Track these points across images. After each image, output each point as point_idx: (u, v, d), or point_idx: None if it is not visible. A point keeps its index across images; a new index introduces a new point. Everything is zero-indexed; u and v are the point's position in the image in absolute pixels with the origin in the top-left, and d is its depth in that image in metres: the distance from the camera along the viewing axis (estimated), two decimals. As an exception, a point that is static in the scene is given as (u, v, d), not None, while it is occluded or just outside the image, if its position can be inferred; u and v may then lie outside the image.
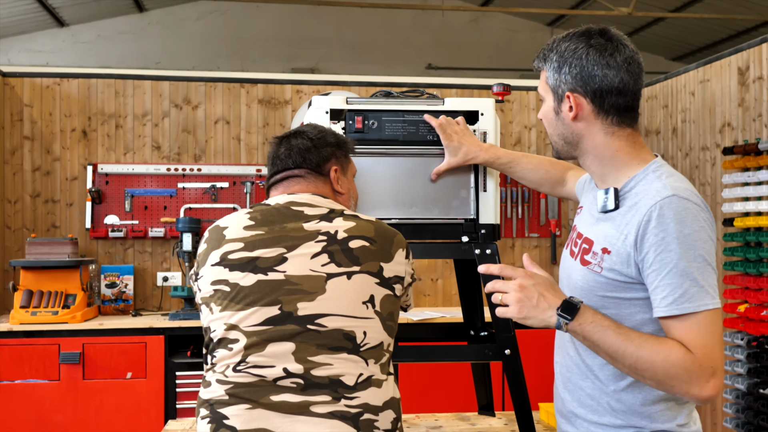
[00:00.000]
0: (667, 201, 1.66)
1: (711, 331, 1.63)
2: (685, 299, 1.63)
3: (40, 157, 5.58)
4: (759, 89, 4.56)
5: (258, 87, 5.89)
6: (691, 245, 1.64)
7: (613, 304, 1.75)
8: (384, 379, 1.89)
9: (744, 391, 4.53)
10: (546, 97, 1.88)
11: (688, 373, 1.61)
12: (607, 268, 1.74)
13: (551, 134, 1.90)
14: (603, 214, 1.82)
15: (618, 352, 1.66)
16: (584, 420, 1.85)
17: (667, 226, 1.65)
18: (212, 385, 1.84)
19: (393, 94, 2.59)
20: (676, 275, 1.63)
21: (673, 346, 1.63)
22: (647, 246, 1.66)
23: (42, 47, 12.30)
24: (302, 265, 1.86)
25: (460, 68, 13.02)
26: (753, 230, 4.52)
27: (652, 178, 1.75)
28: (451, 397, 4.89)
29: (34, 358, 4.73)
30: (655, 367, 1.63)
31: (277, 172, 2.11)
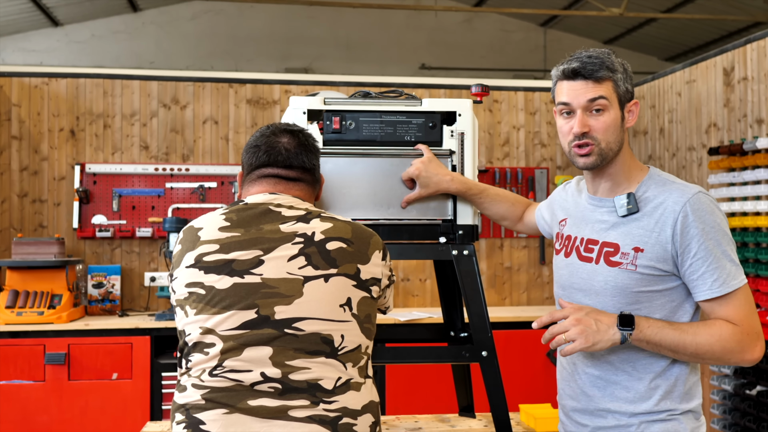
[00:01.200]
0: (697, 197, 1.90)
1: (749, 302, 1.89)
2: (732, 278, 1.87)
3: (28, 157, 5.57)
4: (744, 90, 4.56)
5: (246, 87, 5.88)
6: (725, 232, 1.90)
7: (646, 298, 1.94)
8: (362, 383, 1.87)
9: (731, 392, 4.54)
10: (611, 106, 1.99)
11: (740, 344, 1.86)
12: (642, 264, 1.92)
13: (610, 142, 2.00)
14: (623, 218, 1.99)
15: (679, 345, 1.88)
16: (618, 412, 1.99)
17: (704, 218, 1.88)
18: (188, 389, 1.82)
19: (371, 95, 2.59)
20: (720, 259, 1.87)
21: (722, 325, 1.87)
22: (689, 237, 1.88)
23: (36, 47, 12.29)
24: (279, 268, 1.84)
25: (454, 68, 13.02)
26: (739, 231, 4.52)
27: (661, 182, 1.99)
28: (433, 398, 4.88)
29: (19, 358, 4.71)
30: (713, 348, 1.87)
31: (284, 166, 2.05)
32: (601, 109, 1.97)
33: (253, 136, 2.11)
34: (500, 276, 6.09)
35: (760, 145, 4.23)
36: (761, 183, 4.33)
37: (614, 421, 1.98)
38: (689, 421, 1.95)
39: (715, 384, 4.66)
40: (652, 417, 1.94)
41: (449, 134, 2.51)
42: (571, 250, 2.10)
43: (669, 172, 5.35)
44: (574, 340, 1.87)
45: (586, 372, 2.04)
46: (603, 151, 1.98)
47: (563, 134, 2.04)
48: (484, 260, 6.07)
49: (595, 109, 1.97)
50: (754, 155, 4.34)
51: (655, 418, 1.94)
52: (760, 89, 4.40)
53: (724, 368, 4.54)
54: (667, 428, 1.93)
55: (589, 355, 2.02)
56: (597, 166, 2.00)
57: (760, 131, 4.40)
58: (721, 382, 4.59)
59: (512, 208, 2.54)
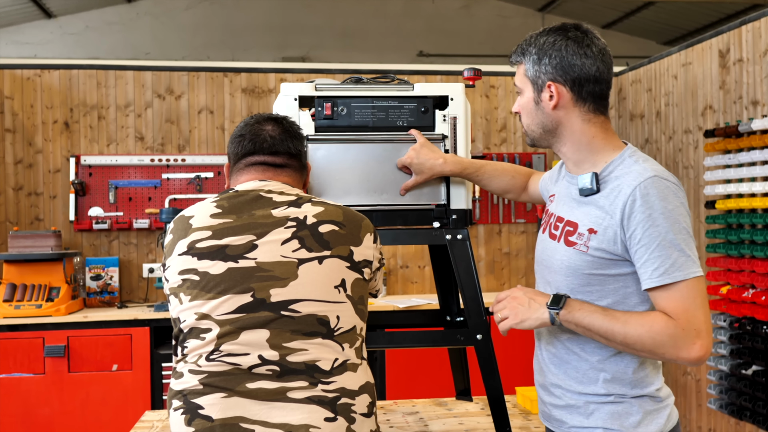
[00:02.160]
0: (650, 181, 1.80)
1: (694, 296, 1.76)
2: (675, 268, 1.76)
3: (22, 150, 5.56)
4: (739, 71, 4.55)
5: (241, 76, 5.87)
6: (676, 219, 1.78)
7: (598, 281, 1.88)
8: (359, 364, 1.89)
9: (727, 372, 4.55)
10: (524, 89, 2.00)
11: (673, 338, 1.75)
12: (594, 247, 1.86)
13: (528, 124, 2.01)
14: (585, 198, 1.93)
15: (608, 332, 1.81)
16: (568, 390, 1.96)
17: (652, 204, 1.78)
18: (185, 375, 1.82)
19: (363, 80, 2.58)
20: (666, 247, 1.77)
21: (656, 316, 1.78)
22: (635, 223, 1.79)
23: (30, 39, 12.25)
24: (273, 252, 1.85)
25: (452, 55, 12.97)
26: (735, 212, 4.52)
27: (630, 163, 1.89)
28: (432, 383, 4.90)
29: (19, 351, 4.73)
30: (643, 339, 1.77)
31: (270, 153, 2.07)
32: (519, 92, 2.02)
33: (238, 126, 2.13)
34: (499, 261, 6.10)
35: (755, 127, 4.22)
36: (756, 164, 4.32)
37: (564, 399, 1.96)
38: (644, 404, 1.88)
39: (711, 364, 4.67)
40: (599, 399, 1.90)
41: (442, 119, 2.51)
42: (547, 226, 2.07)
43: (666, 156, 5.37)
44: (507, 318, 1.91)
45: (546, 349, 2.03)
46: (527, 132, 2.03)
47: None
48: (482, 246, 6.07)
49: (518, 92, 2.03)
50: (750, 137, 4.33)
51: (603, 401, 1.89)
52: (756, 71, 4.39)
53: (720, 348, 4.55)
54: (617, 410, 1.88)
55: (549, 333, 2.01)
56: (531, 144, 2.05)
57: (755, 113, 4.40)
58: (717, 363, 4.60)
59: (513, 181, 2.50)
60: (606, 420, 1.89)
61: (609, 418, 1.88)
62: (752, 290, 4.28)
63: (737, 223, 4.48)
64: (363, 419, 1.83)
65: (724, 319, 4.52)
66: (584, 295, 1.90)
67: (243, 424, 1.74)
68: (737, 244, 4.46)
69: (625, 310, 1.85)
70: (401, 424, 2.67)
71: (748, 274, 4.34)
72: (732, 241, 4.52)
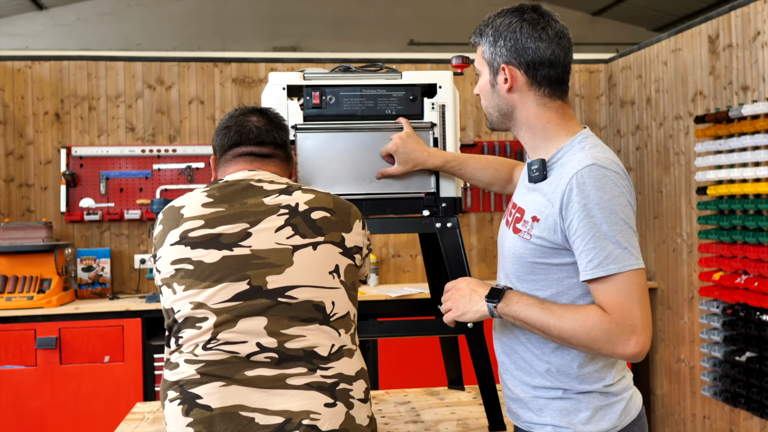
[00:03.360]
0: (587, 170, 1.75)
1: (630, 290, 1.71)
2: (610, 261, 1.72)
3: (13, 141, 5.54)
4: (729, 57, 4.55)
5: (232, 66, 5.85)
6: (612, 210, 1.73)
7: (541, 270, 1.85)
8: (354, 350, 1.90)
9: (721, 359, 4.56)
10: (482, 71, 1.97)
11: (607, 334, 1.71)
12: (536, 235, 1.84)
13: (486, 107, 1.99)
14: (533, 184, 1.91)
15: (544, 325, 1.79)
16: (518, 381, 1.94)
17: (588, 194, 1.74)
18: (180, 365, 1.80)
19: (351, 69, 2.57)
20: (600, 239, 1.72)
21: (591, 311, 1.74)
22: (571, 213, 1.75)
23: (21, 31, 12.17)
24: (267, 239, 1.86)
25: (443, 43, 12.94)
26: (726, 198, 4.52)
27: (577, 149, 1.85)
28: (424, 373, 4.91)
29: (10, 343, 4.72)
30: (577, 334, 1.74)
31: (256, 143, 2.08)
32: (478, 74, 1.99)
33: (222, 119, 2.14)
34: (491, 250, 6.09)
35: (745, 112, 4.22)
36: (747, 150, 4.32)
37: (515, 391, 1.95)
38: (593, 400, 1.84)
39: (705, 351, 4.69)
40: (547, 393, 1.87)
41: (430, 107, 2.50)
42: (506, 212, 2.05)
43: (657, 142, 5.37)
44: (450, 309, 1.93)
45: (498, 339, 2.02)
46: (486, 115, 2.00)
47: None
48: (474, 234, 6.07)
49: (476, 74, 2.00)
50: (740, 122, 4.33)
51: (551, 396, 1.87)
52: (745, 56, 4.39)
53: (713, 335, 4.56)
54: (566, 407, 1.86)
55: (501, 323, 1.98)
56: (491, 128, 2.02)
57: (745, 98, 4.40)
58: (710, 349, 4.62)
59: (497, 173, 2.45)
60: (555, 416, 1.86)
61: (558, 414, 1.86)
62: (745, 276, 4.29)
63: (729, 209, 4.49)
64: (360, 405, 1.84)
65: (717, 306, 4.53)
66: (529, 284, 1.88)
67: (242, 412, 1.74)
68: (729, 230, 4.46)
69: (566, 303, 1.82)
70: (393, 413, 2.67)
71: (740, 260, 4.34)
72: (724, 227, 4.52)
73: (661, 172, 5.37)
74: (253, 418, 1.73)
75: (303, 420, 1.74)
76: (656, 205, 5.47)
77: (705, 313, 4.69)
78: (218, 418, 1.73)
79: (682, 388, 5.19)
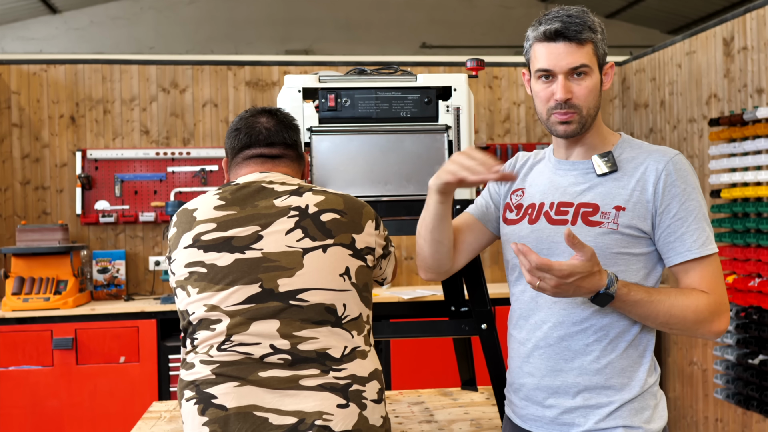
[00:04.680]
0: (679, 158, 1.86)
1: (720, 271, 1.84)
2: (709, 242, 1.82)
3: (29, 144, 5.58)
4: (744, 60, 4.54)
5: (245, 69, 5.88)
6: (702, 195, 1.86)
7: (623, 260, 1.86)
8: (368, 351, 1.91)
9: (733, 362, 4.55)
10: (593, 70, 1.88)
11: (712, 314, 1.80)
12: (624, 224, 1.84)
13: (591, 108, 1.89)
14: (600, 178, 1.91)
15: (649, 317, 1.81)
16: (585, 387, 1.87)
17: (686, 179, 1.83)
18: (196, 366, 1.83)
19: (366, 71, 2.59)
20: (701, 221, 1.82)
21: (698, 295, 1.80)
22: (670, 196, 1.82)
23: (35, 35, 12.26)
24: (278, 242, 1.87)
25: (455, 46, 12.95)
26: (740, 201, 4.52)
27: (636, 145, 1.94)
28: (437, 373, 4.92)
29: (28, 344, 4.75)
30: (686, 318, 1.79)
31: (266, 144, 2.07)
32: (584, 74, 1.85)
33: (233, 121, 2.14)
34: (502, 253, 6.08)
35: (760, 115, 4.21)
36: (762, 153, 4.31)
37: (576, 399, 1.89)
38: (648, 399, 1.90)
39: (718, 354, 4.68)
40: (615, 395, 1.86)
41: (445, 109, 2.52)
42: (537, 216, 1.96)
43: (670, 145, 5.36)
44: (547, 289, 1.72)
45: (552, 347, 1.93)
46: (583, 118, 1.87)
47: (541, 100, 1.89)
48: (487, 237, 6.07)
49: (577, 74, 1.85)
50: (755, 125, 4.32)
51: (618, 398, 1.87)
52: (760, 59, 4.39)
53: (726, 338, 4.56)
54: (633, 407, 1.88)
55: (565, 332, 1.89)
56: (578, 133, 1.90)
57: (760, 101, 4.39)
58: (723, 352, 4.61)
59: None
60: (626, 417, 1.85)
61: (628, 414, 1.85)
62: (758, 279, 4.28)
63: (743, 212, 4.48)
64: (374, 405, 1.85)
65: (731, 309, 4.52)
66: None
67: (256, 412, 1.75)
68: (743, 233, 4.46)
69: (665, 288, 1.84)
70: (407, 413, 2.68)
71: (754, 263, 4.34)
72: (738, 230, 4.51)
73: (675, 174, 5.36)
74: (267, 418, 1.75)
75: (316, 420, 1.76)
76: (669, 208, 5.45)
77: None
78: (233, 418, 1.75)
79: (694, 391, 5.18)
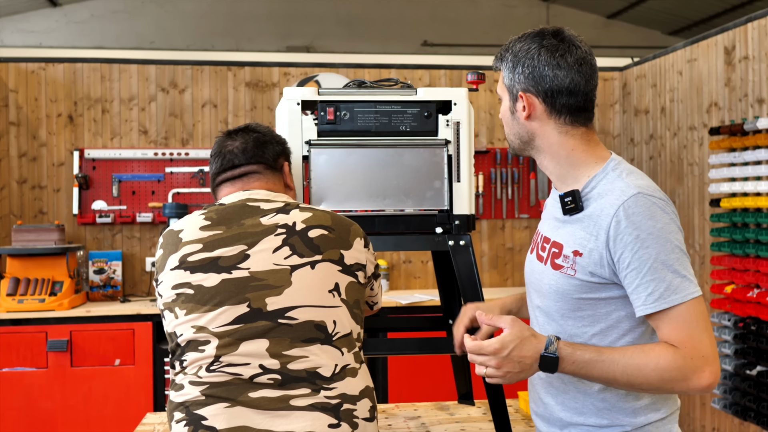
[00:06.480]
0: (634, 199, 1.68)
1: (696, 320, 1.65)
2: (671, 292, 1.64)
3: (27, 143, 5.56)
4: (745, 69, 4.52)
5: (245, 70, 5.85)
6: (666, 238, 1.66)
7: (588, 305, 1.77)
8: (358, 368, 1.90)
9: (731, 372, 4.54)
10: (503, 97, 1.92)
11: (681, 371, 1.64)
12: (581, 270, 1.75)
13: (508, 134, 1.92)
14: (568, 217, 1.82)
15: (608, 379, 1.69)
16: (568, 423, 1.85)
17: (639, 224, 1.66)
18: (185, 387, 1.82)
19: (366, 84, 2.57)
20: (658, 270, 1.65)
21: (660, 352, 1.65)
22: (621, 246, 1.68)
23: (35, 27, 12.22)
24: (265, 260, 1.86)
25: (456, 44, 12.92)
26: (739, 211, 4.50)
27: (613, 177, 1.77)
28: (434, 386, 4.90)
29: (22, 345, 4.73)
30: (649, 379, 1.66)
31: (231, 167, 2.10)
32: (500, 100, 1.95)
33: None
34: (502, 257, 6.09)
35: (760, 126, 4.20)
36: (762, 163, 4.30)
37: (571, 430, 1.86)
38: None
39: (717, 364, 4.66)
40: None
41: (445, 124, 2.50)
42: (535, 246, 1.96)
43: (670, 152, 5.35)
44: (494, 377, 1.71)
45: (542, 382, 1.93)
46: (508, 141, 1.93)
47: None
48: (486, 241, 6.06)
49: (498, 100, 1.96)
50: (755, 135, 4.30)
51: None
52: (761, 68, 4.36)
53: (724, 348, 4.54)
54: None
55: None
56: (514, 154, 2.00)
57: (761, 111, 4.37)
58: (721, 362, 4.60)
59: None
60: None
61: None
62: (757, 290, 4.26)
63: (742, 222, 4.47)
64: (365, 424, 1.84)
65: (729, 319, 4.51)
66: (575, 321, 1.79)
67: None
68: (742, 243, 4.44)
69: (624, 345, 1.73)
70: (403, 429, 2.66)
71: (753, 274, 4.32)
72: (737, 240, 4.50)
73: (675, 182, 5.35)
74: None
75: None
76: (669, 215, 5.44)
77: (716, 325, 4.67)
78: None
79: (691, 400, 5.17)
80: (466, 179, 2.49)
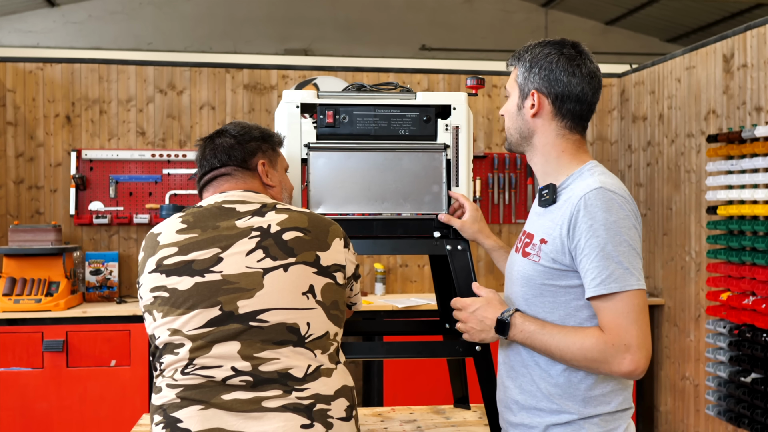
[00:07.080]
0: (595, 192, 1.85)
1: (627, 310, 1.79)
2: (612, 279, 1.79)
3: (24, 143, 5.55)
4: (743, 77, 4.54)
5: (243, 72, 5.85)
6: (617, 231, 1.82)
7: (550, 292, 1.93)
8: (333, 368, 1.91)
9: (726, 378, 4.55)
10: (512, 93, 2.07)
11: (602, 353, 1.80)
12: (545, 257, 1.92)
13: (509, 128, 2.09)
14: (543, 209, 2.01)
15: (548, 350, 1.89)
16: (522, 406, 1.99)
17: (594, 214, 1.82)
18: (163, 390, 1.86)
19: (365, 87, 2.57)
20: (604, 258, 1.80)
21: (588, 334, 1.84)
22: (578, 233, 1.84)
23: (32, 27, 12.21)
24: (238, 264, 1.87)
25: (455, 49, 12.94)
26: (736, 218, 4.51)
27: (586, 176, 1.95)
28: (430, 390, 4.90)
29: (18, 346, 4.73)
30: (575, 355, 1.84)
31: (205, 173, 2.13)
32: (507, 96, 2.10)
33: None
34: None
35: (758, 134, 4.21)
36: (759, 171, 4.30)
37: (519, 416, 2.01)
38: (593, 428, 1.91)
39: (711, 370, 4.67)
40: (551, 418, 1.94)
41: (444, 128, 2.50)
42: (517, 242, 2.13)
43: (668, 159, 5.36)
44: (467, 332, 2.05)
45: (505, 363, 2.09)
46: (507, 135, 2.10)
47: None
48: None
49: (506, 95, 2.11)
50: (753, 143, 4.32)
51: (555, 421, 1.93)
52: (760, 77, 4.38)
53: (719, 354, 4.55)
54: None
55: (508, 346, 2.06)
56: (508, 148, 2.11)
57: (758, 119, 4.38)
58: (716, 369, 4.60)
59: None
60: None
61: None
62: (753, 297, 4.27)
63: (738, 230, 4.47)
64: (341, 423, 1.86)
65: (724, 326, 4.52)
66: (537, 307, 1.95)
67: None
68: (738, 250, 4.45)
69: (565, 325, 1.90)
70: (399, 432, 2.67)
71: (748, 281, 4.33)
72: (733, 248, 4.51)
73: (672, 189, 5.36)
74: None
75: None
76: (665, 222, 5.45)
77: (711, 332, 4.68)
78: None
79: (686, 406, 5.18)
80: (464, 184, 2.51)
